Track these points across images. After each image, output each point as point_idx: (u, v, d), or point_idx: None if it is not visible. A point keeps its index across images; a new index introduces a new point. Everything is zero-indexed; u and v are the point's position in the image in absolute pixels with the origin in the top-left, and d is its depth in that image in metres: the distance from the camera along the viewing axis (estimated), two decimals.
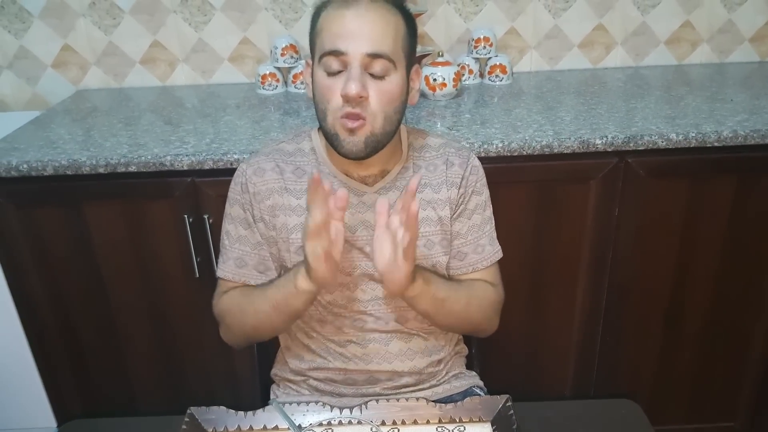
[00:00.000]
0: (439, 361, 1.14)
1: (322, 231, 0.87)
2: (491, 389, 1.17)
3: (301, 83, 1.98)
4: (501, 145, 1.46)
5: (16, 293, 1.61)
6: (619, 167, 1.51)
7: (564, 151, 1.47)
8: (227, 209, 1.09)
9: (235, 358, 1.65)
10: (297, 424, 0.93)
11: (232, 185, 1.09)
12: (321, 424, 0.94)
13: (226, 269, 1.09)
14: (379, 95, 0.95)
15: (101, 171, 1.46)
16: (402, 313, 1.09)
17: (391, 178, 1.06)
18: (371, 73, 0.94)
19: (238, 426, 0.93)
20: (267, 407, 0.95)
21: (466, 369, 1.21)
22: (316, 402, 0.96)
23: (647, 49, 2.08)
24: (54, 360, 1.70)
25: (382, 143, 0.99)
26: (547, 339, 1.72)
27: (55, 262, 1.58)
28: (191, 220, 1.51)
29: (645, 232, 1.58)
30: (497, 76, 1.98)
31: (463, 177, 1.09)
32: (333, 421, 0.94)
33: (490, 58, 1.99)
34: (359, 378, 1.11)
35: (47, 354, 1.69)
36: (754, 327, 1.70)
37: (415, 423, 0.94)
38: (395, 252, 0.89)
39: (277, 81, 1.99)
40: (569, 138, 1.47)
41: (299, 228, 1.04)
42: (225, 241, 1.10)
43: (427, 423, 0.94)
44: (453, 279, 1.12)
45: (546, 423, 0.94)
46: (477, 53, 2.00)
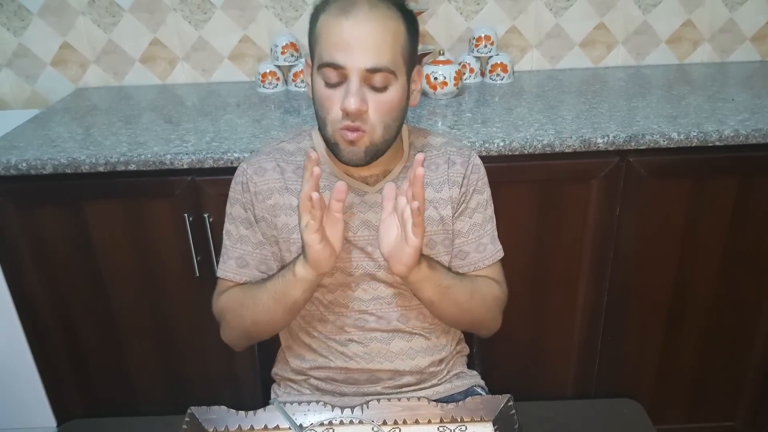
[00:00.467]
0: (441, 361, 1.14)
1: (312, 207, 0.86)
2: (493, 389, 1.17)
3: (302, 81, 1.97)
4: (502, 144, 1.45)
5: (15, 292, 1.60)
6: (621, 166, 1.51)
7: (565, 151, 1.47)
8: (228, 209, 1.09)
9: (236, 357, 1.64)
10: (298, 423, 0.92)
11: (232, 185, 1.09)
12: (322, 423, 0.93)
13: (227, 269, 1.09)
14: (379, 107, 0.94)
15: (101, 170, 1.46)
16: (404, 313, 1.09)
17: (393, 177, 1.06)
18: (371, 85, 0.93)
19: (238, 426, 0.93)
20: (268, 407, 0.95)
21: (467, 368, 1.21)
22: (317, 401, 0.96)
23: (648, 49, 2.08)
24: (54, 359, 1.69)
25: (382, 150, 0.99)
26: (549, 338, 1.72)
27: (55, 260, 1.58)
28: (191, 218, 1.51)
29: (646, 231, 1.58)
30: (498, 75, 1.98)
31: (465, 176, 1.08)
32: (334, 421, 0.94)
33: (491, 56, 1.99)
34: (360, 377, 1.10)
35: (47, 353, 1.68)
36: (755, 326, 1.70)
37: (417, 423, 0.94)
38: (403, 232, 0.89)
39: (278, 79, 1.98)
40: (570, 137, 1.46)
41: None
42: (226, 241, 1.09)
43: (429, 423, 0.94)
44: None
45: (547, 423, 0.94)
46: (478, 52, 1.99)
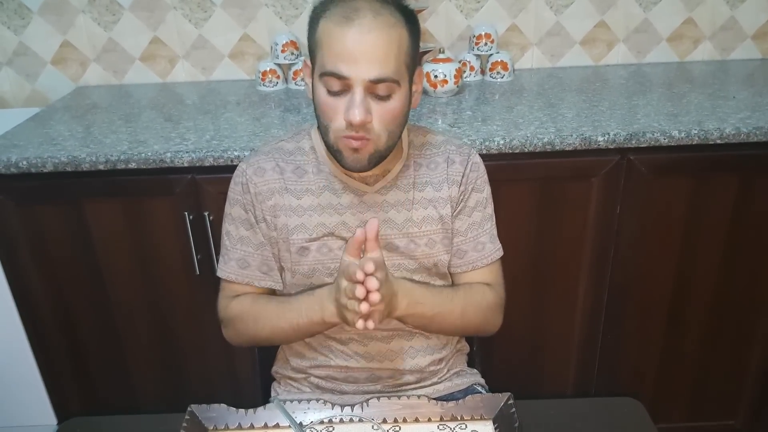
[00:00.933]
0: (441, 359, 1.14)
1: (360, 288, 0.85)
2: (493, 387, 1.17)
3: (302, 80, 1.97)
4: (502, 143, 1.45)
5: (16, 290, 1.60)
6: (621, 165, 1.50)
7: (566, 149, 1.47)
8: (227, 209, 1.09)
9: (236, 355, 1.64)
10: (298, 421, 0.92)
11: (232, 185, 1.08)
12: (322, 421, 0.94)
13: (228, 270, 1.08)
14: (383, 115, 0.94)
15: (101, 168, 1.46)
16: None
17: (392, 177, 1.06)
18: (375, 94, 0.92)
19: (238, 424, 0.93)
20: (268, 405, 0.95)
21: (467, 367, 1.21)
22: (317, 400, 0.96)
23: (649, 47, 2.07)
24: (54, 357, 1.69)
25: (384, 156, 0.99)
26: (549, 337, 1.71)
27: (55, 259, 1.58)
28: (192, 217, 1.51)
29: (647, 229, 1.57)
30: (498, 73, 1.98)
31: (464, 174, 1.08)
32: (334, 419, 0.94)
33: (491, 54, 1.98)
34: (360, 376, 1.10)
35: (47, 351, 1.69)
36: (756, 325, 1.70)
37: (417, 421, 0.94)
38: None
39: (278, 78, 1.98)
40: (571, 135, 1.46)
41: (300, 229, 1.04)
42: (226, 242, 1.09)
43: (429, 421, 0.94)
44: (452, 280, 1.12)
45: (548, 421, 0.94)
46: (478, 50, 1.99)
